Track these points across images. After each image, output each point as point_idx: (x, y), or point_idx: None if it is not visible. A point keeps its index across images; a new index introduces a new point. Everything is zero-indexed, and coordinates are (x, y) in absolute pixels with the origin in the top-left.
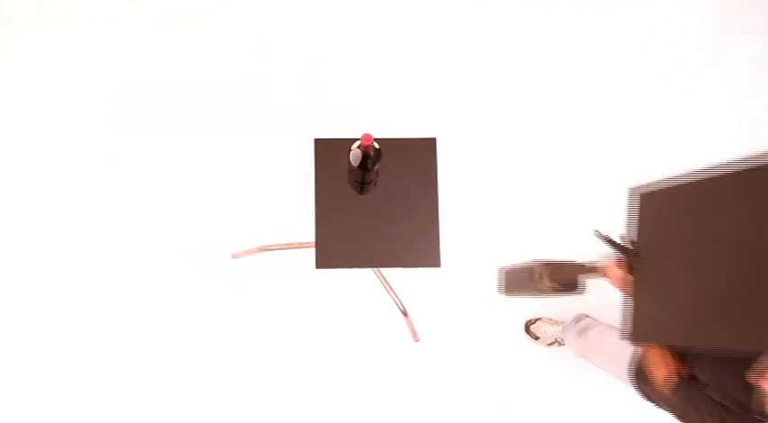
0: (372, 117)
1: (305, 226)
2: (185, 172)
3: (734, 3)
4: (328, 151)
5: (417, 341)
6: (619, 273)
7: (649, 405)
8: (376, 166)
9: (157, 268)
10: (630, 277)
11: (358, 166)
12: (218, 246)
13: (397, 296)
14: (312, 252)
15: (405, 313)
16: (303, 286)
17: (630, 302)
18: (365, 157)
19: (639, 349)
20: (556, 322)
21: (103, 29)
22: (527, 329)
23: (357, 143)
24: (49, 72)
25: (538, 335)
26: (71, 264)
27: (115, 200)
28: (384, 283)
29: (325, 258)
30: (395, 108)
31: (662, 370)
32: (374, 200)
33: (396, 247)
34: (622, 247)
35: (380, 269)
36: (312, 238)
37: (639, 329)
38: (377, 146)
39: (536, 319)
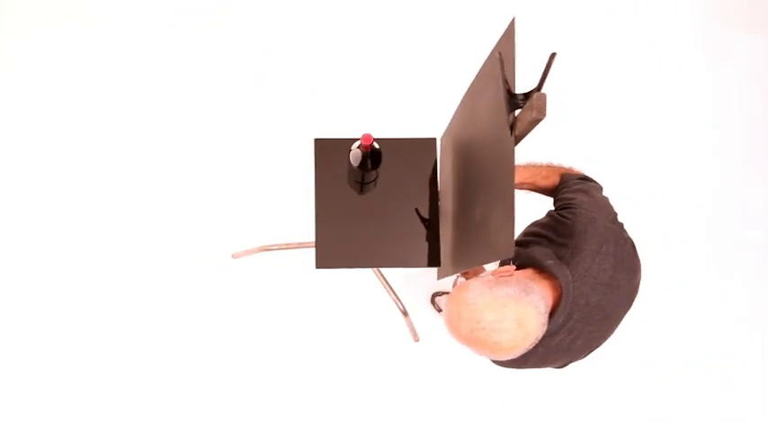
0: (372, 117)
1: (305, 226)
2: (185, 172)
3: (734, 3)
4: (328, 151)
5: (417, 341)
6: None
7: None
8: (376, 167)
9: (158, 268)
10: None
11: (358, 166)
12: (218, 246)
13: (397, 296)
14: (312, 252)
15: (405, 313)
16: (303, 286)
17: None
18: (365, 157)
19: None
20: None
21: (103, 29)
22: (432, 300)
23: (357, 143)
24: (49, 72)
25: (441, 308)
26: (72, 264)
27: (115, 200)
28: (384, 283)
29: (326, 258)
30: (395, 108)
31: None
32: (374, 200)
33: (396, 247)
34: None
35: (380, 269)
36: (312, 238)
37: (444, 266)
38: (377, 146)
39: (444, 293)
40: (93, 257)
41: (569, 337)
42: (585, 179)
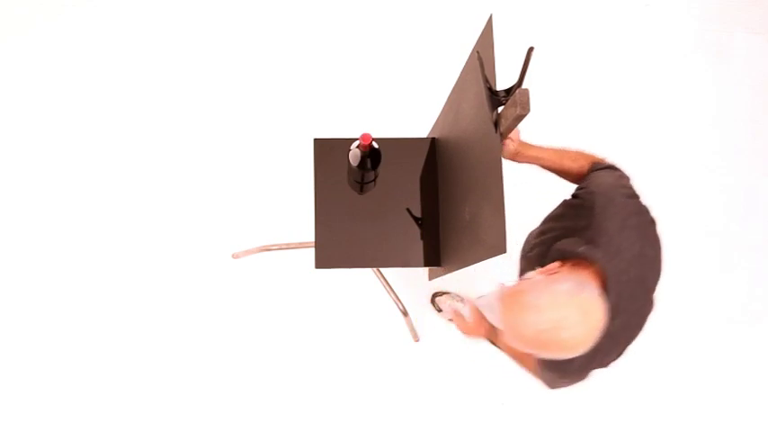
0: (371, 117)
1: (305, 226)
2: (185, 172)
3: (734, 3)
4: (328, 151)
5: (417, 341)
6: None
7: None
8: (376, 166)
9: (158, 268)
10: None
11: (357, 166)
12: (218, 246)
13: (397, 296)
14: (312, 252)
15: (405, 313)
16: (303, 286)
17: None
18: (364, 156)
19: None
20: (461, 299)
21: (100, 27)
22: (432, 300)
23: (356, 143)
24: (48, 72)
25: (441, 308)
26: (72, 263)
27: (115, 200)
28: (384, 283)
29: (325, 258)
30: (394, 108)
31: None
32: (374, 200)
33: (396, 247)
34: None
35: (380, 269)
36: (312, 238)
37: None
38: (376, 146)
39: (444, 293)
40: (93, 257)
41: (619, 319)
42: (613, 168)
